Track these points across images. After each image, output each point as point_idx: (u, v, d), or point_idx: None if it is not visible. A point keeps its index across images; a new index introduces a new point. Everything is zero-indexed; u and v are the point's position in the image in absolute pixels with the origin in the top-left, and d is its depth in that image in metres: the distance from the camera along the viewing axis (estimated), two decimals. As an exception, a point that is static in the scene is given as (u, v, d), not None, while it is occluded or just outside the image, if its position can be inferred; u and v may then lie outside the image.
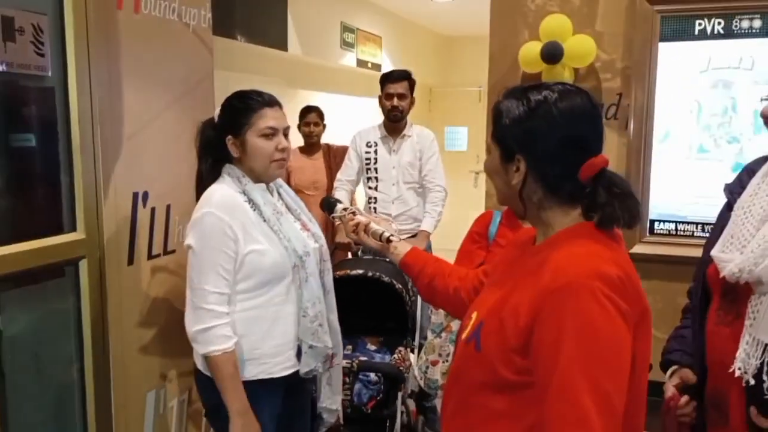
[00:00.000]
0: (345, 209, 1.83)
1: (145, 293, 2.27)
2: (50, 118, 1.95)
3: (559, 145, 1.19)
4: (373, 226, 1.75)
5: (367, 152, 3.78)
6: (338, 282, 2.24)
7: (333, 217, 1.88)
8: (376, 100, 3.78)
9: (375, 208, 3.76)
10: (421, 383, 2.63)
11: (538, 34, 3.56)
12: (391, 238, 1.70)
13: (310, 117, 4.54)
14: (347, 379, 2.65)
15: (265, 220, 1.91)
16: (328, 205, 1.89)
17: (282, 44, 4.95)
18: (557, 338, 1.08)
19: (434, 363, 2.55)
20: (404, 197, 3.73)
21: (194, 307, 1.83)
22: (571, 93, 1.22)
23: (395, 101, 3.64)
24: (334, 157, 4.44)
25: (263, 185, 1.96)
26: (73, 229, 1.96)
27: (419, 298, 2.94)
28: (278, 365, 1.94)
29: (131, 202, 2.17)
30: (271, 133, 1.90)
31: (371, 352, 2.91)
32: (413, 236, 3.60)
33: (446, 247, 3.69)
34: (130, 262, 2.18)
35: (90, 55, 1.95)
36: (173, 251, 2.38)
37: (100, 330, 2.05)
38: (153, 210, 2.27)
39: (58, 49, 1.90)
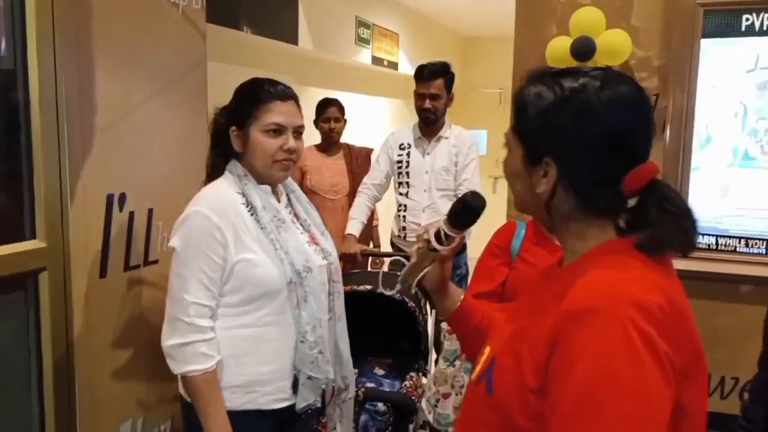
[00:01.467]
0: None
1: (120, 310, 2.00)
2: (9, 107, 1.69)
3: (600, 146, 0.95)
4: None
5: (399, 155, 3.42)
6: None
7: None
8: (392, 100, 3.47)
9: (404, 217, 3.43)
10: (430, 418, 2.30)
11: (568, 28, 3.28)
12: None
13: (330, 112, 4.02)
14: (354, 409, 2.37)
15: (262, 227, 1.66)
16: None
17: (292, 38, 4.68)
18: (565, 376, 0.84)
19: (446, 395, 2.23)
20: (436, 205, 3.35)
21: (171, 318, 1.61)
22: (616, 80, 0.97)
23: (427, 102, 3.29)
24: (356, 159, 4.04)
25: (268, 187, 1.72)
26: (33, 236, 1.70)
27: (431, 318, 2.63)
28: (268, 396, 1.69)
29: (104, 206, 1.91)
30: (276, 130, 1.67)
31: (379, 378, 2.62)
32: None
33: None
34: (103, 274, 1.92)
35: (56, 36, 1.70)
36: (155, 261, 2.11)
37: (63, 351, 1.79)
38: (131, 214, 2.01)
39: (18, 27, 1.65)
